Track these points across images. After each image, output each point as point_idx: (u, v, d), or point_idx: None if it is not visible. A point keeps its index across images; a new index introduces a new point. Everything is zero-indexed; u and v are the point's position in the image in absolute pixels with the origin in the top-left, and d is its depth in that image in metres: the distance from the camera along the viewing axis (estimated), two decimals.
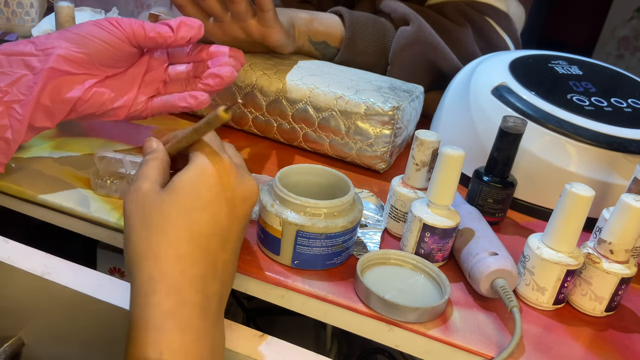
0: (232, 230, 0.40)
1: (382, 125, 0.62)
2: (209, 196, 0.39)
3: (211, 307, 0.37)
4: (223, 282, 0.40)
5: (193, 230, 0.38)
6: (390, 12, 0.77)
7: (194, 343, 0.35)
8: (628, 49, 2.87)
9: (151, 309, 0.35)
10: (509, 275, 0.46)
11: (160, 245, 0.37)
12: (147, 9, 2.20)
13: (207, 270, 0.38)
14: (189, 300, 0.36)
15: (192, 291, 0.36)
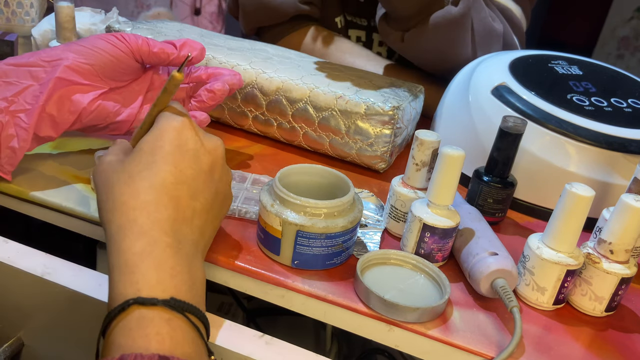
0: (199, 181, 0.42)
1: (382, 125, 0.62)
2: (170, 148, 0.41)
3: (184, 249, 0.38)
4: (196, 228, 0.41)
5: (156, 179, 0.39)
6: None
7: (169, 279, 0.36)
8: (628, 49, 2.87)
9: (123, 254, 0.36)
10: (509, 275, 0.46)
11: (124, 197, 0.38)
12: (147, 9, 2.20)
13: (176, 215, 0.39)
14: (158, 241, 0.37)
15: (161, 233, 0.37)
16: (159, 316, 0.34)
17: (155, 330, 0.33)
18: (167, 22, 0.79)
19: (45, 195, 0.53)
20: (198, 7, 2.31)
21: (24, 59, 0.51)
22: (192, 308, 0.36)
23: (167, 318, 0.34)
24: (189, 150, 0.41)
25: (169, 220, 0.38)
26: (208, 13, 2.33)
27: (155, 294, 0.35)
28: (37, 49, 0.82)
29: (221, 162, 0.44)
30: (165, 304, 0.34)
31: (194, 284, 0.38)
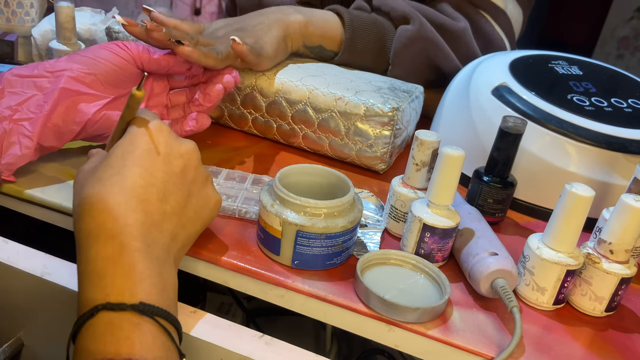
0: (170, 183, 0.41)
1: (381, 126, 0.62)
2: (139, 152, 0.41)
3: (154, 253, 0.38)
4: (166, 232, 0.40)
5: (125, 182, 0.39)
6: (389, 10, 0.76)
7: (138, 283, 0.36)
8: (628, 49, 2.87)
9: (92, 259, 0.36)
10: (509, 275, 0.46)
11: (93, 201, 0.38)
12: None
13: (144, 219, 0.39)
14: (127, 246, 0.37)
15: (129, 237, 0.37)
16: (128, 321, 0.34)
17: (125, 335, 0.33)
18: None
19: (45, 195, 0.53)
20: (198, 7, 2.31)
21: (28, 70, 0.52)
22: (162, 312, 0.36)
23: (136, 322, 0.34)
24: (159, 154, 0.41)
25: (137, 224, 0.38)
26: (208, 13, 2.33)
27: (124, 299, 0.35)
28: (37, 49, 0.82)
29: (195, 164, 0.44)
30: (134, 309, 0.34)
31: (164, 288, 0.38)
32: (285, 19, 0.68)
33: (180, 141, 0.44)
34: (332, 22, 0.72)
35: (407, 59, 0.75)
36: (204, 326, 0.44)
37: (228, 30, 0.65)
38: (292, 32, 0.68)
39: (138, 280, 0.36)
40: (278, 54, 0.66)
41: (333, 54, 0.74)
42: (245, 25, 0.65)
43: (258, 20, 0.66)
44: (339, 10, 0.74)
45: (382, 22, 0.75)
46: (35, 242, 0.52)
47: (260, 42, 0.63)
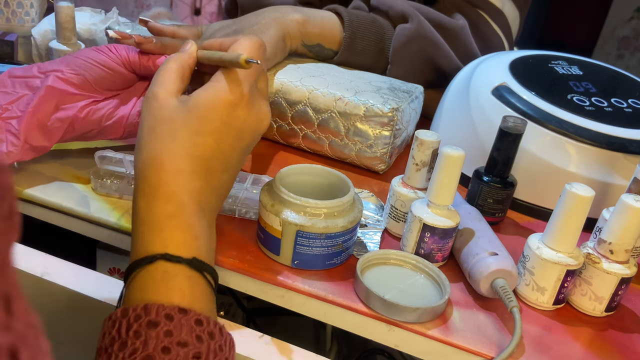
0: (234, 157, 0.44)
1: (381, 126, 0.62)
2: (217, 124, 0.42)
3: (206, 216, 0.41)
4: (220, 197, 0.44)
5: (195, 151, 0.41)
6: (387, 9, 0.76)
7: (192, 241, 0.39)
8: (628, 49, 2.87)
9: (154, 213, 0.39)
10: (508, 275, 0.46)
11: (163, 158, 0.40)
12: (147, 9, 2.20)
13: (204, 186, 0.41)
14: (186, 207, 0.40)
15: (190, 200, 0.40)
16: (182, 273, 0.37)
17: (178, 286, 0.36)
18: (167, 22, 0.79)
19: (45, 195, 0.53)
20: (198, 7, 2.31)
21: (23, 72, 0.52)
22: (210, 268, 0.39)
23: (188, 275, 0.37)
24: (234, 129, 0.43)
25: (198, 190, 0.41)
26: (208, 13, 2.33)
27: (180, 253, 0.38)
28: (37, 49, 0.82)
29: (260, 136, 0.46)
30: (188, 263, 0.37)
31: (211, 247, 0.41)
32: (283, 18, 0.68)
33: (257, 111, 0.44)
34: (331, 21, 0.72)
35: (406, 58, 0.75)
36: None
37: (226, 32, 0.65)
38: (291, 31, 0.68)
39: (193, 237, 0.39)
40: (277, 54, 0.66)
41: (332, 53, 0.74)
42: (243, 27, 0.65)
43: (255, 20, 0.66)
44: (338, 10, 0.74)
45: (381, 21, 0.75)
46: (35, 242, 0.52)
47: None
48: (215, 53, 0.45)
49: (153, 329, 0.33)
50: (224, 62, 0.44)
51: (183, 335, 0.33)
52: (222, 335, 0.35)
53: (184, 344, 0.33)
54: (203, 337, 0.34)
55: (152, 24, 0.62)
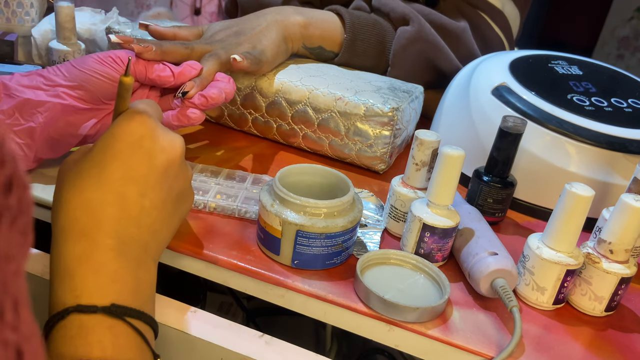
0: (150, 179, 0.40)
1: (381, 126, 0.62)
2: (121, 146, 0.39)
3: (129, 251, 0.37)
4: (145, 228, 0.39)
5: (102, 176, 0.38)
6: (388, 11, 0.76)
7: (110, 284, 0.35)
8: (628, 49, 2.87)
9: (63, 257, 0.36)
10: (508, 275, 0.46)
11: (70, 195, 0.37)
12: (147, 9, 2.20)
13: (120, 214, 0.38)
14: (100, 244, 0.36)
15: (103, 235, 0.36)
16: (100, 323, 0.34)
17: (97, 339, 0.33)
18: (167, 22, 0.79)
19: (45, 195, 0.53)
20: (198, 7, 2.31)
21: (29, 81, 0.51)
22: (135, 312, 0.35)
23: (108, 325, 0.34)
24: (141, 148, 0.40)
25: (113, 220, 0.37)
26: (208, 13, 2.34)
27: (95, 301, 0.34)
28: (37, 49, 0.82)
29: (178, 160, 0.42)
30: (105, 311, 0.34)
31: (138, 287, 0.37)
32: (284, 20, 0.68)
33: (165, 134, 0.42)
34: (332, 23, 0.72)
35: (406, 61, 0.75)
36: (204, 326, 0.44)
37: (227, 33, 0.65)
38: (292, 34, 0.68)
39: (110, 280, 0.35)
40: (278, 56, 0.66)
41: (333, 55, 0.74)
42: (244, 29, 0.65)
43: (257, 22, 0.66)
44: (339, 11, 0.73)
45: (382, 23, 0.75)
46: (36, 242, 0.52)
47: (259, 45, 0.63)
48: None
49: None
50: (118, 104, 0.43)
51: None
52: None
53: None
54: None
55: (152, 27, 0.62)
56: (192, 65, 0.57)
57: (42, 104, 0.50)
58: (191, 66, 0.57)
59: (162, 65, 0.56)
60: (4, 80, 0.51)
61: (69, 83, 0.51)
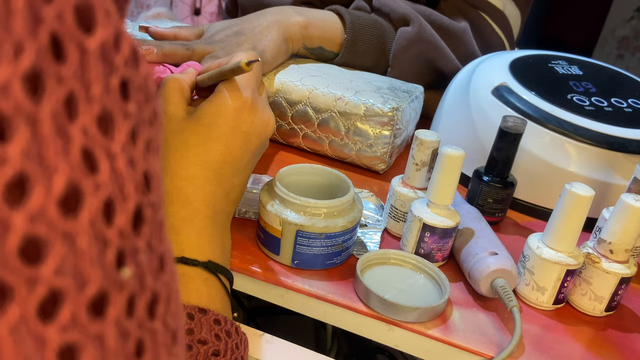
0: (244, 160, 0.45)
1: (381, 126, 0.62)
2: (225, 129, 0.44)
3: (219, 220, 0.43)
4: (231, 201, 0.45)
5: (207, 157, 0.43)
6: (389, 12, 0.76)
7: (207, 245, 0.41)
8: (628, 49, 2.87)
9: (169, 218, 0.40)
10: (508, 275, 0.46)
11: (177, 166, 0.42)
12: (147, 9, 2.20)
13: (217, 190, 0.43)
14: (200, 211, 0.41)
15: (203, 205, 0.42)
16: (199, 275, 0.39)
17: (196, 287, 0.38)
18: (167, 22, 0.79)
19: None
20: (198, 7, 2.31)
21: None
22: (224, 270, 0.40)
23: (204, 277, 0.39)
24: (242, 133, 0.45)
25: (211, 194, 0.42)
26: (208, 13, 2.34)
27: (196, 256, 0.39)
28: None
29: (267, 140, 0.48)
30: (204, 266, 0.39)
31: (224, 250, 0.42)
32: (285, 20, 0.67)
33: (262, 115, 0.46)
34: (332, 24, 0.72)
35: (406, 61, 0.75)
36: None
37: (227, 33, 0.65)
38: (293, 34, 0.68)
39: (207, 242, 0.41)
40: (278, 56, 0.66)
41: (333, 55, 0.74)
42: (244, 29, 0.65)
43: (257, 22, 0.66)
44: (340, 11, 0.73)
45: (382, 23, 0.75)
46: None
47: (259, 45, 0.63)
48: (215, 70, 0.47)
49: None
50: (225, 74, 0.45)
51: (203, 333, 0.35)
52: (237, 334, 0.37)
53: (204, 341, 0.35)
54: (221, 335, 0.35)
55: (153, 29, 0.62)
56: (192, 66, 0.57)
57: None
58: (191, 67, 0.57)
59: (163, 67, 0.56)
60: None
61: None
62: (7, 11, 0.12)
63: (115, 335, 0.15)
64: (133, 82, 0.16)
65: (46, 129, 0.13)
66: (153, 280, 0.17)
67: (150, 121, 0.17)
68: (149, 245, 0.17)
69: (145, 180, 0.17)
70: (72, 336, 0.14)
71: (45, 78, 0.13)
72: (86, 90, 0.14)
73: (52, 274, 0.13)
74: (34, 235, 0.13)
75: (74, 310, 0.14)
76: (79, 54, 0.14)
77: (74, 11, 0.14)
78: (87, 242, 0.14)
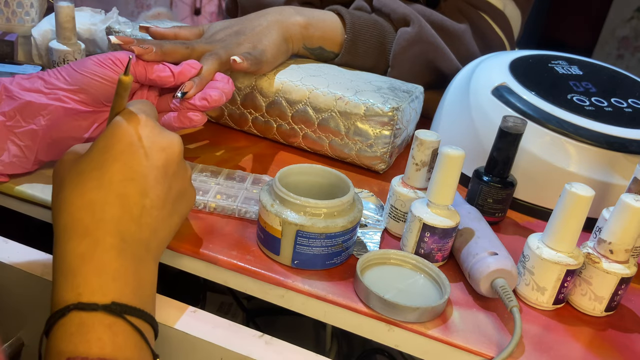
0: (150, 178, 0.41)
1: (381, 126, 0.62)
2: (120, 147, 0.40)
3: (130, 250, 0.38)
4: (145, 226, 0.40)
5: (104, 178, 0.39)
6: (389, 12, 0.76)
7: (111, 282, 0.36)
8: (628, 49, 2.87)
9: (67, 255, 0.36)
10: (508, 275, 0.46)
11: (72, 196, 0.38)
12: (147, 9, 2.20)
13: (122, 214, 0.39)
14: (101, 242, 0.37)
15: (105, 233, 0.37)
16: (100, 321, 0.34)
17: (97, 336, 0.34)
18: (167, 22, 0.79)
19: (45, 195, 0.53)
20: (198, 7, 2.31)
21: (30, 84, 0.51)
22: (135, 311, 0.36)
23: (108, 323, 0.34)
24: (140, 148, 0.41)
25: (114, 220, 0.38)
26: (208, 13, 2.34)
27: (96, 299, 0.35)
28: (37, 49, 0.82)
29: (177, 159, 0.43)
30: (106, 309, 0.35)
31: (139, 286, 0.38)
32: (285, 21, 0.67)
33: (163, 134, 0.43)
34: (332, 24, 0.72)
35: (406, 62, 0.75)
36: (204, 326, 0.44)
37: (227, 32, 0.65)
38: (293, 34, 0.68)
39: (111, 279, 0.36)
40: (278, 57, 0.66)
41: (333, 55, 0.74)
42: (244, 28, 0.65)
43: (257, 22, 0.66)
44: (340, 11, 0.73)
45: (382, 23, 0.75)
46: (35, 242, 0.53)
47: (259, 45, 0.63)
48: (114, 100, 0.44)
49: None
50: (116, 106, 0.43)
51: None
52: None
53: None
54: None
55: (153, 29, 0.62)
56: (191, 65, 0.56)
57: (44, 107, 0.50)
58: (191, 65, 0.56)
59: (162, 65, 0.56)
60: (5, 83, 0.51)
61: (70, 87, 0.51)
62: None
63: None
64: None
65: None
66: None
67: None
68: None
69: None
70: None
71: None
72: None
73: None
74: None
75: None
76: None
77: None
78: None
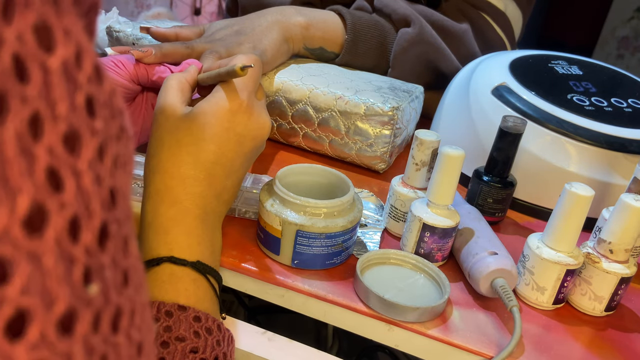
0: (237, 163, 0.45)
1: (381, 125, 0.62)
2: (219, 130, 0.44)
3: (209, 221, 0.43)
4: (223, 202, 0.45)
5: (199, 157, 0.43)
6: (390, 12, 0.76)
7: (196, 245, 0.41)
8: (628, 49, 2.87)
9: (159, 216, 0.41)
10: (508, 274, 0.46)
11: (168, 164, 0.43)
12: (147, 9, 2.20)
13: (208, 191, 0.43)
14: (190, 212, 0.42)
15: (192, 205, 0.42)
16: (187, 275, 0.39)
17: (184, 287, 0.38)
18: (167, 22, 0.79)
19: None
20: (198, 7, 2.31)
21: None
22: (213, 271, 0.41)
23: (193, 277, 0.39)
24: (235, 135, 0.45)
25: (201, 195, 0.43)
26: (208, 13, 2.34)
27: (185, 256, 0.40)
28: None
29: (263, 143, 0.48)
30: (192, 266, 0.39)
31: (214, 251, 0.43)
32: (286, 21, 0.67)
33: (258, 120, 0.46)
34: (333, 24, 0.72)
35: (406, 62, 0.75)
36: None
37: (227, 32, 0.65)
38: (293, 35, 0.68)
39: (196, 242, 0.41)
40: (278, 57, 0.66)
41: (334, 56, 0.74)
42: (245, 28, 0.65)
43: (258, 22, 0.66)
44: (341, 11, 0.73)
45: (383, 24, 0.75)
46: None
47: (260, 45, 0.63)
48: (214, 71, 0.47)
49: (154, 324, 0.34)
50: (222, 76, 0.46)
51: (181, 330, 0.35)
52: (220, 331, 0.37)
53: (182, 339, 0.35)
54: (200, 332, 0.36)
55: (154, 29, 0.62)
56: (192, 64, 0.56)
57: None
58: (191, 65, 0.56)
59: (163, 66, 0.56)
60: None
61: None
62: None
63: (82, 352, 0.15)
64: (98, 99, 0.16)
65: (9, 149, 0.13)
66: (117, 295, 0.17)
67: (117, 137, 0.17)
68: (114, 261, 0.17)
69: (111, 196, 0.17)
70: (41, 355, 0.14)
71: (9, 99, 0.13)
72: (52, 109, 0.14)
73: (18, 294, 0.13)
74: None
75: (42, 329, 0.14)
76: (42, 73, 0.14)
77: (33, 31, 0.14)
78: (53, 261, 0.14)
